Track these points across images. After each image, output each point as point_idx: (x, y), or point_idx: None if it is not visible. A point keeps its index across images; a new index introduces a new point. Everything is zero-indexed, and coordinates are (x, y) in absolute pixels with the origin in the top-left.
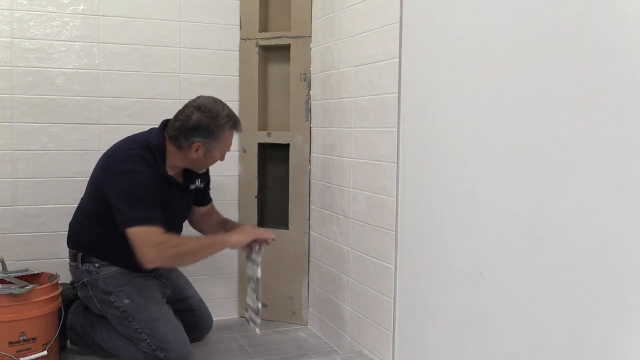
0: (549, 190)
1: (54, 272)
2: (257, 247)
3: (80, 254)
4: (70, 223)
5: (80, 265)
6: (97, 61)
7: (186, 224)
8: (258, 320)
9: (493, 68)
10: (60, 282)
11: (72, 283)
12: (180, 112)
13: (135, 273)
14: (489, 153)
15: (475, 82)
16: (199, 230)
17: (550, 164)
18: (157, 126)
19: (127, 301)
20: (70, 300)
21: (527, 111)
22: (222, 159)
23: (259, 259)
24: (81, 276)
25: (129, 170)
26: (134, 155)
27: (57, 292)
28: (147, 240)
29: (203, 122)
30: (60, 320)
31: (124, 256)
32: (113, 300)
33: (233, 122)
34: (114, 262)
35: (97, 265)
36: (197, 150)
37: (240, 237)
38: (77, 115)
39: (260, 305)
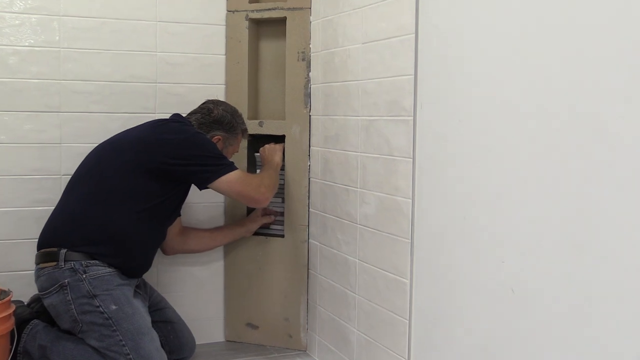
0: (593, 192)
1: (5, 288)
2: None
3: (63, 251)
4: (64, 215)
5: (62, 264)
6: (57, 37)
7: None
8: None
9: (528, 45)
10: (12, 299)
11: (29, 301)
12: (197, 108)
13: (127, 280)
14: (522, 147)
15: (506, 62)
16: (187, 250)
17: (594, 162)
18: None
19: (114, 307)
20: (24, 320)
21: (570, 98)
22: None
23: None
24: (60, 277)
25: (199, 132)
26: (192, 126)
27: (10, 311)
28: (248, 182)
29: (226, 117)
30: (12, 344)
31: (144, 251)
32: (98, 304)
33: (245, 127)
34: (127, 257)
35: (83, 263)
36: (216, 143)
37: (277, 159)
38: (34, 101)
39: (281, 210)
